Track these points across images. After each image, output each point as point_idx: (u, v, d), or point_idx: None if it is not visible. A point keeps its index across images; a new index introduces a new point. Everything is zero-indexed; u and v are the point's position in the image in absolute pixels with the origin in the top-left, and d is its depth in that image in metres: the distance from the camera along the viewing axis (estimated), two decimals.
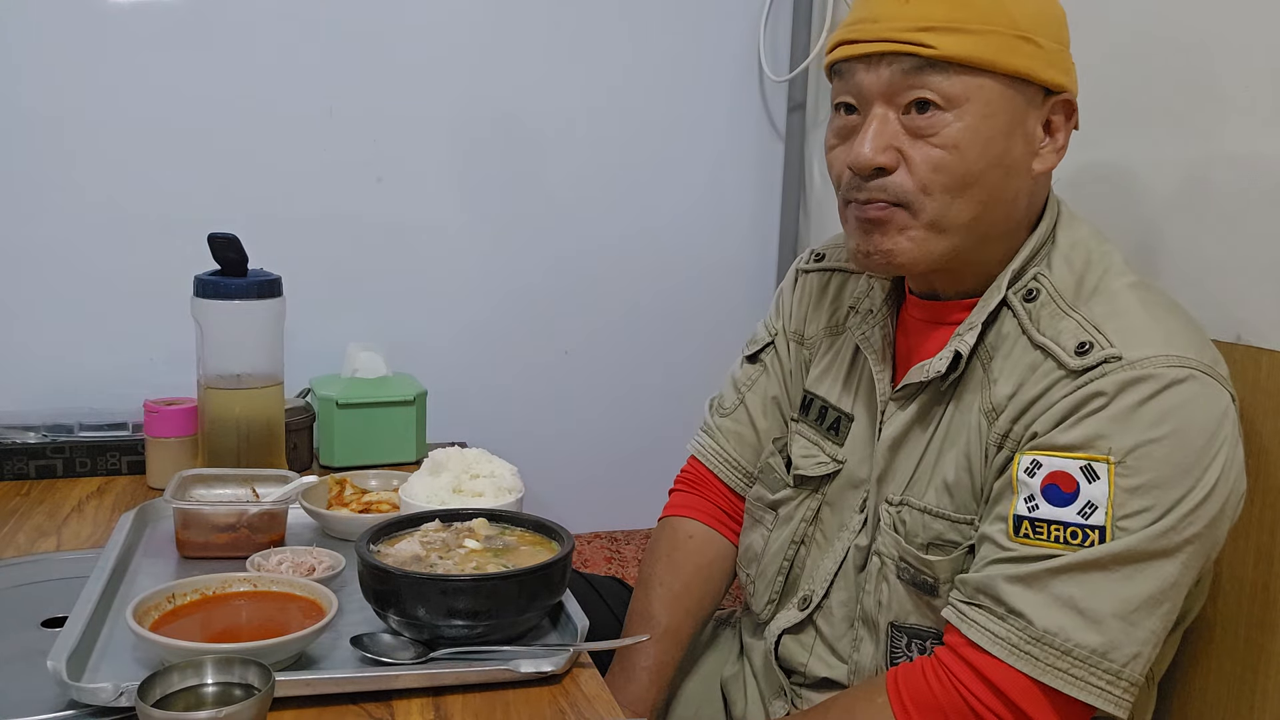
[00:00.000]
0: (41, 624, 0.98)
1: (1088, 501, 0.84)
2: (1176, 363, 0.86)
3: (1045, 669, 0.84)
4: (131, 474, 1.48)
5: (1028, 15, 0.91)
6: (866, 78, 0.93)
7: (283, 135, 1.66)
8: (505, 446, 1.26)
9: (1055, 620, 0.84)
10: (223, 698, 0.77)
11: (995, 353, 0.96)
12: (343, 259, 1.72)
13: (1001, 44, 0.89)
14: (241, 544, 1.11)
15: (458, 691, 0.88)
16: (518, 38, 1.77)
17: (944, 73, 0.90)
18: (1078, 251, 0.97)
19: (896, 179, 0.93)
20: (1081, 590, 0.84)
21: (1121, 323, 0.89)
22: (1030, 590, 0.85)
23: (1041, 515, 0.86)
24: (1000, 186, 0.93)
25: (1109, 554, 0.84)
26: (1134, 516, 0.84)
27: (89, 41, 1.57)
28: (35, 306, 1.60)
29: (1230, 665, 1.05)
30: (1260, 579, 1.02)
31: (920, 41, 0.89)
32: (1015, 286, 0.96)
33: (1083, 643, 0.83)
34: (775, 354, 1.22)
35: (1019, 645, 0.84)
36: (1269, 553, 1.02)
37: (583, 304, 1.88)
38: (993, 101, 0.91)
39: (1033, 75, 0.91)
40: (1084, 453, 0.85)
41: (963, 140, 0.91)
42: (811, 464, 1.11)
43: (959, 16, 0.89)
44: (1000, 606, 0.86)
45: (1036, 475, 0.87)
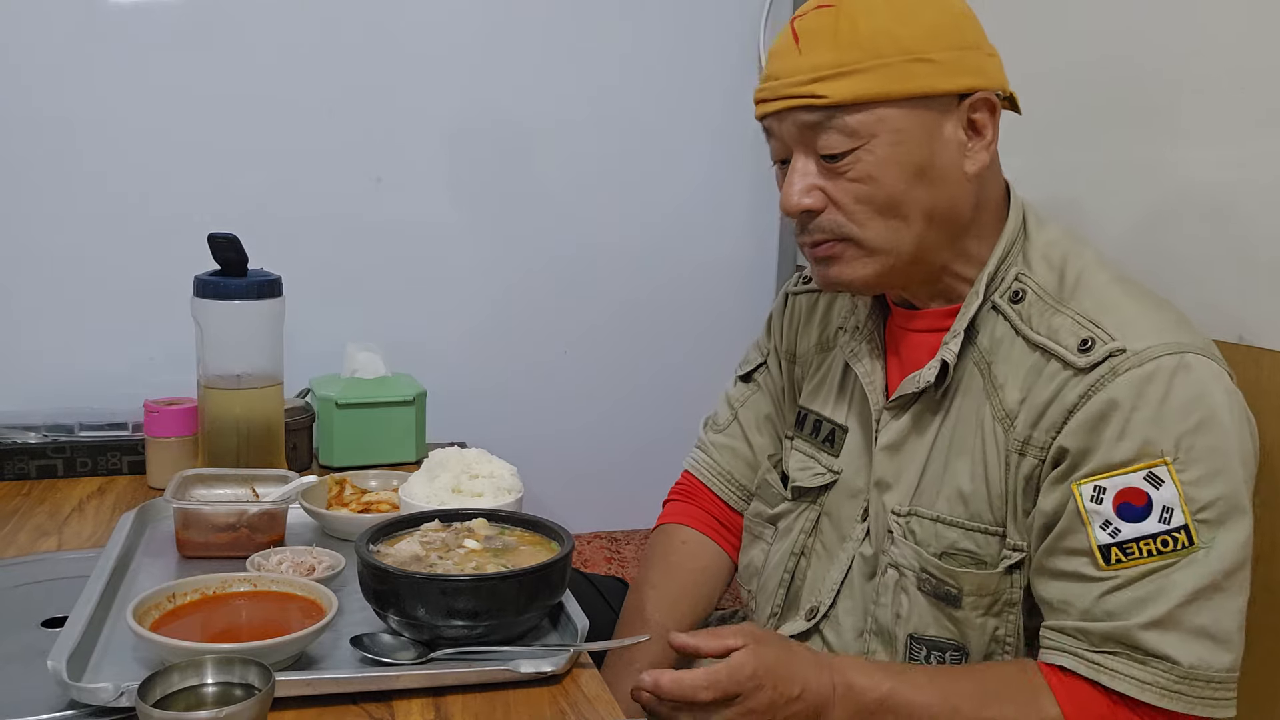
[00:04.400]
0: (42, 624, 0.98)
1: (1163, 507, 0.86)
2: (1175, 349, 0.89)
3: (1195, 702, 0.85)
4: (132, 474, 1.48)
5: (918, 36, 0.93)
6: (780, 130, 0.98)
7: (283, 135, 1.66)
8: (505, 446, 1.26)
9: (1195, 654, 0.85)
10: (223, 698, 0.77)
11: (994, 357, 0.97)
12: (342, 259, 1.72)
13: (893, 74, 0.92)
14: (241, 544, 1.11)
15: (458, 691, 0.88)
16: (517, 38, 1.77)
17: (842, 116, 0.93)
18: (1054, 250, 0.99)
19: (827, 217, 0.97)
20: (1211, 617, 0.86)
21: (1116, 316, 0.92)
22: (1167, 632, 0.86)
23: (1126, 536, 0.87)
24: (933, 198, 0.96)
25: (1223, 571, 0.86)
26: (1210, 508, 0.86)
27: (89, 42, 1.57)
28: (36, 306, 1.60)
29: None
30: (1262, 580, 1.02)
31: (813, 93, 0.93)
32: (998, 289, 0.99)
33: (1220, 666, 0.86)
34: (768, 373, 1.24)
35: (1168, 687, 0.85)
36: (1270, 552, 1.01)
37: (582, 303, 1.88)
38: (899, 128, 0.94)
39: (933, 91, 0.94)
40: (1140, 463, 0.87)
41: (876, 170, 0.94)
42: (808, 475, 1.12)
43: (848, 58, 0.92)
44: (1138, 652, 0.86)
45: (1105, 500, 0.88)
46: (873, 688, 0.91)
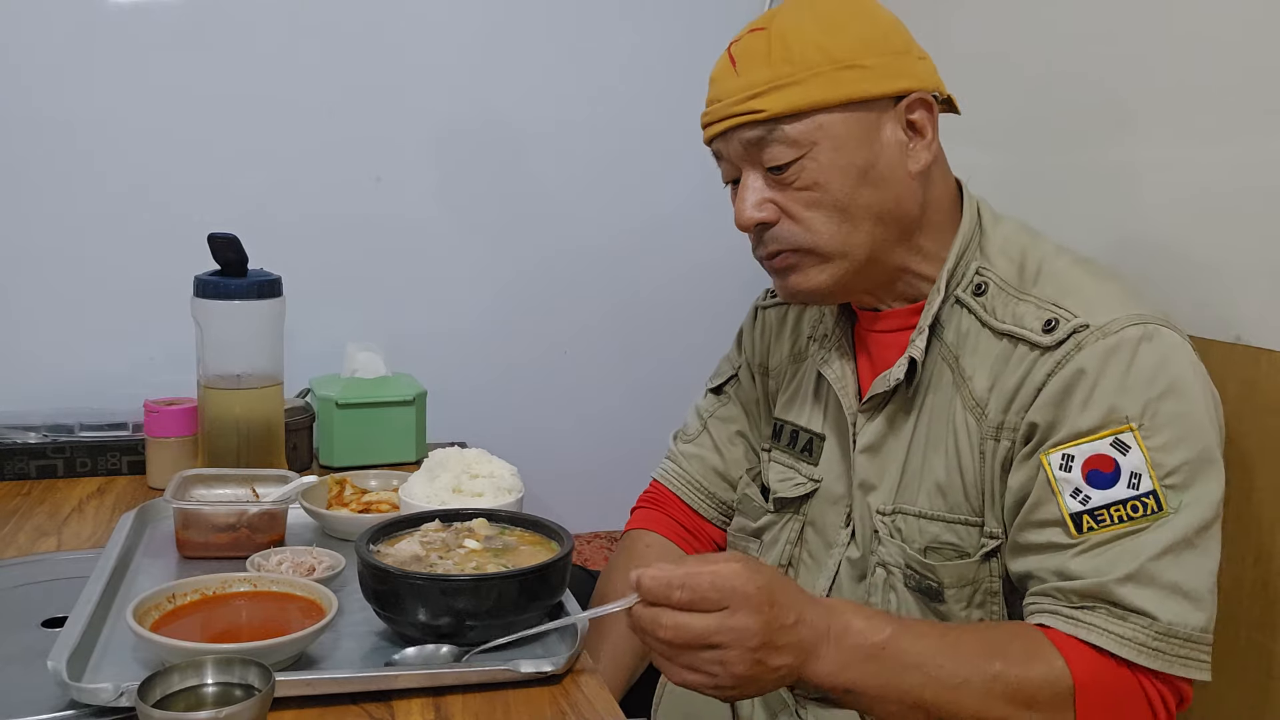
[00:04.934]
0: (42, 624, 0.98)
1: (1131, 473, 0.87)
2: (1139, 320, 0.91)
3: (1173, 660, 0.85)
4: (132, 474, 1.48)
5: (848, 45, 0.97)
6: (726, 150, 1.02)
7: (283, 135, 1.67)
8: (505, 446, 1.26)
9: (1172, 610, 0.85)
10: (223, 698, 0.77)
11: (961, 350, 0.99)
12: (342, 259, 1.72)
13: (826, 82, 0.96)
14: (241, 544, 1.11)
15: (458, 691, 0.88)
16: (517, 38, 1.77)
17: (782, 127, 0.97)
18: (1012, 242, 1.02)
19: (781, 228, 1.00)
20: (1183, 574, 0.86)
21: (1077, 296, 0.94)
22: (1143, 587, 0.86)
23: (1096, 503, 0.88)
24: (879, 199, 0.98)
25: (1194, 527, 0.86)
26: (1176, 473, 0.87)
27: (89, 42, 1.57)
28: (36, 306, 1.60)
29: (1232, 666, 1.05)
30: (1260, 578, 1.02)
31: (751, 109, 0.97)
32: (960, 284, 1.01)
33: (1195, 625, 0.86)
34: (739, 385, 1.25)
35: (1147, 644, 0.85)
36: (1269, 551, 1.02)
37: (582, 303, 1.88)
38: (837, 133, 0.97)
39: (867, 95, 0.97)
40: (1107, 429, 0.89)
41: (821, 176, 0.97)
42: (789, 486, 1.13)
43: (782, 73, 0.96)
44: (1117, 607, 0.86)
45: (1074, 468, 0.89)
46: (872, 630, 0.85)
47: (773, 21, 0.99)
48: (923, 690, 0.84)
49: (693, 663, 0.81)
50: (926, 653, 0.85)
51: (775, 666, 0.81)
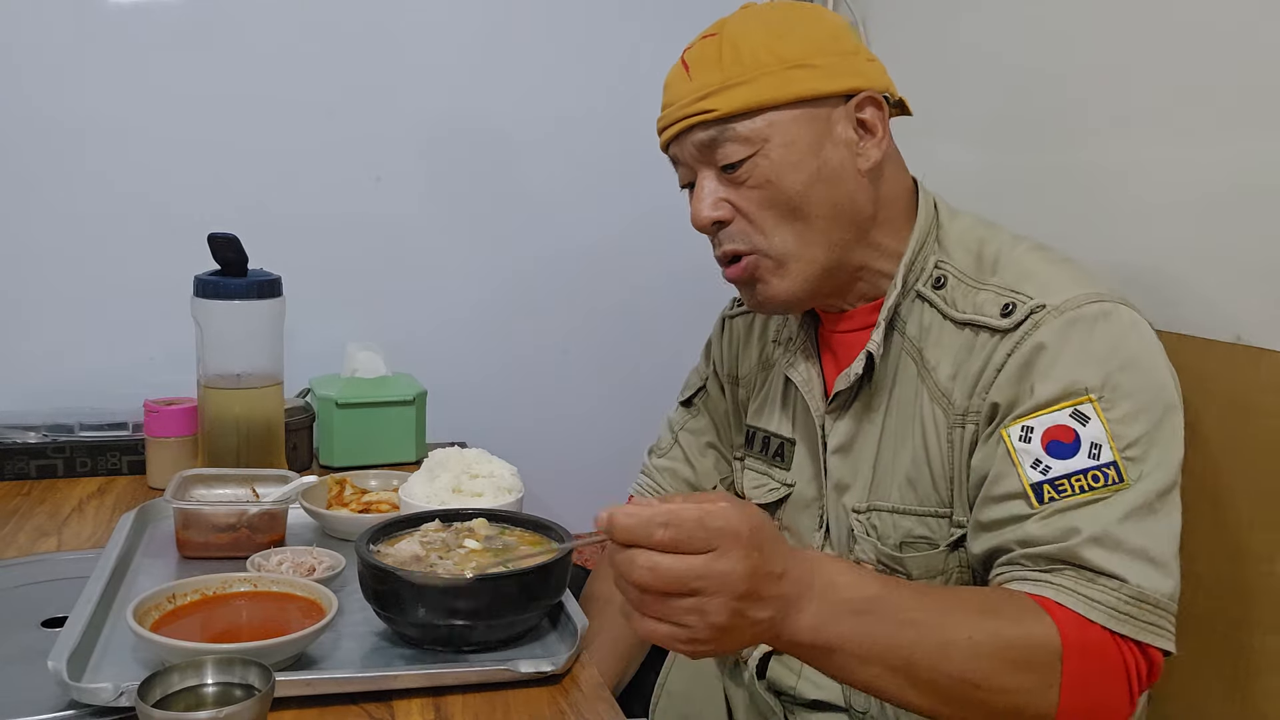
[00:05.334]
0: (42, 624, 0.98)
1: (1091, 443, 0.87)
2: (1095, 298, 0.92)
3: (1143, 627, 0.83)
4: (132, 474, 1.48)
5: (795, 46, 0.99)
6: (681, 153, 1.03)
7: (282, 135, 1.66)
8: (505, 446, 1.26)
9: (1141, 574, 0.84)
10: (223, 698, 0.77)
11: (924, 343, 1.00)
12: (342, 259, 1.72)
13: (774, 81, 0.98)
14: (241, 544, 1.12)
15: (458, 691, 0.88)
16: (517, 38, 1.77)
17: (734, 126, 0.98)
18: (969, 235, 1.02)
19: (735, 227, 1.02)
20: (1148, 539, 0.85)
21: (1034, 280, 0.95)
22: (1110, 551, 0.84)
23: (1056, 473, 0.87)
24: (831, 196, 0.99)
25: (1153, 493, 0.86)
26: (1136, 444, 0.87)
27: (89, 42, 1.57)
28: (36, 306, 1.60)
29: (1210, 663, 1.05)
30: (1259, 579, 1.02)
31: (702, 109, 0.99)
32: (919, 279, 1.01)
33: (1164, 591, 0.85)
34: (708, 397, 1.26)
35: (1117, 608, 0.83)
36: (1266, 552, 1.02)
37: (582, 303, 1.88)
38: (788, 130, 0.98)
39: (816, 93, 0.98)
40: (1066, 400, 0.88)
41: (773, 173, 0.98)
42: (763, 492, 1.14)
43: (732, 74, 0.98)
44: (1087, 570, 0.84)
45: (1033, 439, 0.88)
46: (860, 585, 0.79)
47: (724, 28, 1.01)
48: (912, 649, 0.79)
49: (666, 612, 0.72)
50: (919, 608, 0.80)
51: (756, 619, 0.74)
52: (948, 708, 0.82)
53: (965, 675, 0.79)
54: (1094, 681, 0.82)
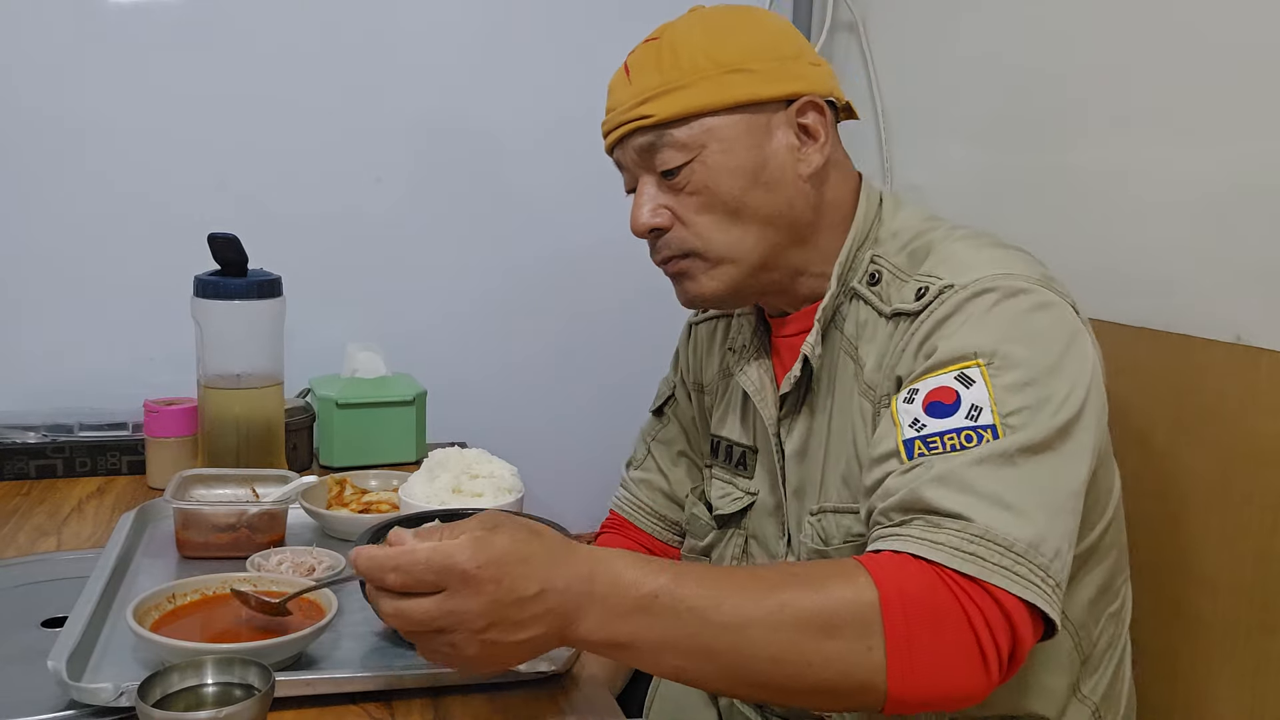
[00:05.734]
0: (41, 624, 0.98)
1: (971, 405, 0.83)
2: (1006, 279, 0.89)
3: (994, 569, 0.76)
4: (131, 474, 1.48)
5: (734, 50, 0.98)
6: (624, 158, 1.03)
7: (283, 135, 1.66)
8: (505, 446, 1.26)
9: (990, 516, 0.77)
10: (223, 698, 0.77)
11: (860, 341, 0.99)
12: (342, 259, 1.72)
13: (712, 86, 0.97)
14: (241, 544, 1.11)
15: (458, 691, 0.88)
16: (518, 39, 1.77)
17: (670, 132, 0.98)
18: (906, 229, 1.01)
19: (674, 234, 1.01)
20: (1002, 485, 0.79)
21: (951, 264, 0.93)
22: (955, 491, 0.79)
23: (930, 430, 0.83)
24: (769, 202, 0.99)
25: (1015, 447, 0.80)
26: (1019, 413, 0.82)
27: (89, 42, 1.57)
28: (35, 306, 1.60)
29: (1232, 668, 1.05)
30: (1260, 581, 1.03)
31: (640, 114, 0.98)
32: (855, 276, 1.01)
33: (1022, 537, 0.77)
34: (677, 405, 1.26)
35: (961, 548, 0.76)
36: (1268, 554, 1.02)
37: (583, 303, 1.88)
38: (726, 136, 0.98)
39: (754, 98, 0.98)
40: (953, 364, 0.85)
41: (711, 179, 0.98)
42: (728, 501, 1.13)
43: (670, 78, 0.98)
44: (933, 514, 0.79)
45: (916, 400, 0.85)
46: (645, 580, 0.75)
47: (665, 33, 1.02)
48: (701, 635, 0.74)
49: (428, 645, 0.74)
50: (705, 594, 0.75)
51: (520, 640, 0.73)
52: (766, 691, 0.77)
53: (768, 653, 0.74)
54: (927, 636, 0.74)
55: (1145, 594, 1.11)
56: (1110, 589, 0.99)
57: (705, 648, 0.75)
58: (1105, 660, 0.99)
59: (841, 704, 0.77)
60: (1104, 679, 0.99)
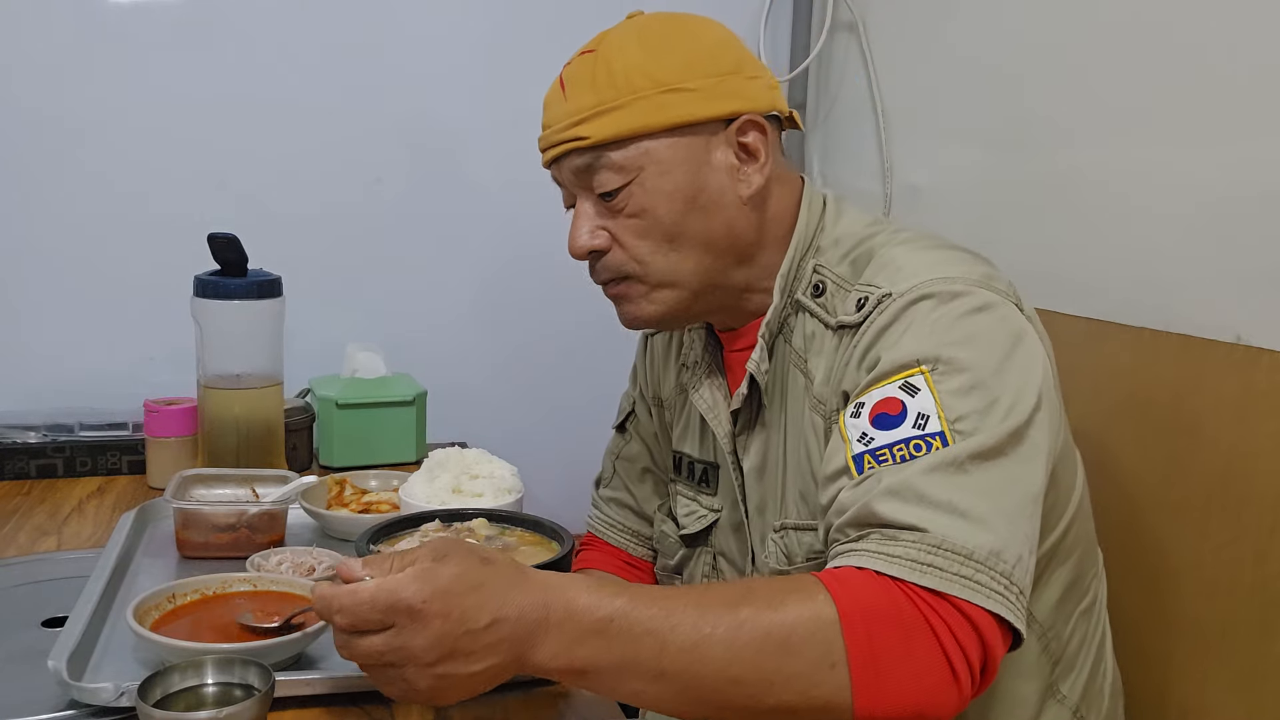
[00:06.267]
0: (42, 624, 0.98)
1: (918, 413, 0.80)
2: (943, 284, 0.86)
3: (952, 579, 0.73)
4: (132, 474, 1.48)
5: (672, 68, 0.95)
6: (559, 176, 1.01)
7: (283, 135, 1.66)
8: (505, 447, 1.26)
9: (946, 527, 0.75)
10: (223, 698, 0.77)
11: (808, 354, 0.97)
12: (343, 259, 1.72)
13: (648, 106, 0.94)
14: (241, 544, 1.12)
15: None
16: (519, 38, 1.77)
17: (607, 154, 0.95)
18: (848, 237, 0.98)
19: (612, 256, 0.99)
20: (956, 494, 0.76)
21: (888, 270, 0.91)
22: (908, 503, 0.76)
23: (879, 443, 0.80)
24: (708, 225, 0.96)
25: (965, 453, 0.78)
26: (967, 419, 0.79)
27: (89, 42, 1.57)
28: (36, 306, 1.60)
29: (1231, 670, 1.05)
30: (1259, 582, 1.02)
31: (576, 135, 0.95)
32: (799, 287, 0.98)
33: (980, 545, 0.74)
34: (638, 421, 1.24)
35: (918, 559, 0.74)
36: (1267, 555, 1.02)
37: (583, 303, 1.86)
38: (663, 159, 0.95)
39: (692, 119, 0.94)
40: (897, 374, 0.83)
41: (648, 203, 0.95)
42: (693, 520, 1.12)
43: (606, 97, 0.94)
44: (889, 527, 0.76)
45: (863, 414, 0.83)
46: (599, 605, 0.73)
47: (601, 44, 0.98)
48: (659, 658, 0.72)
49: (381, 678, 0.73)
50: (660, 616, 0.73)
51: (473, 672, 0.72)
52: (728, 713, 0.75)
53: (728, 674, 0.72)
54: (892, 652, 0.71)
55: (1143, 595, 1.12)
56: (1078, 586, 0.97)
57: (663, 671, 0.73)
58: (1081, 657, 0.98)
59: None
60: (1082, 677, 0.98)
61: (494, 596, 0.72)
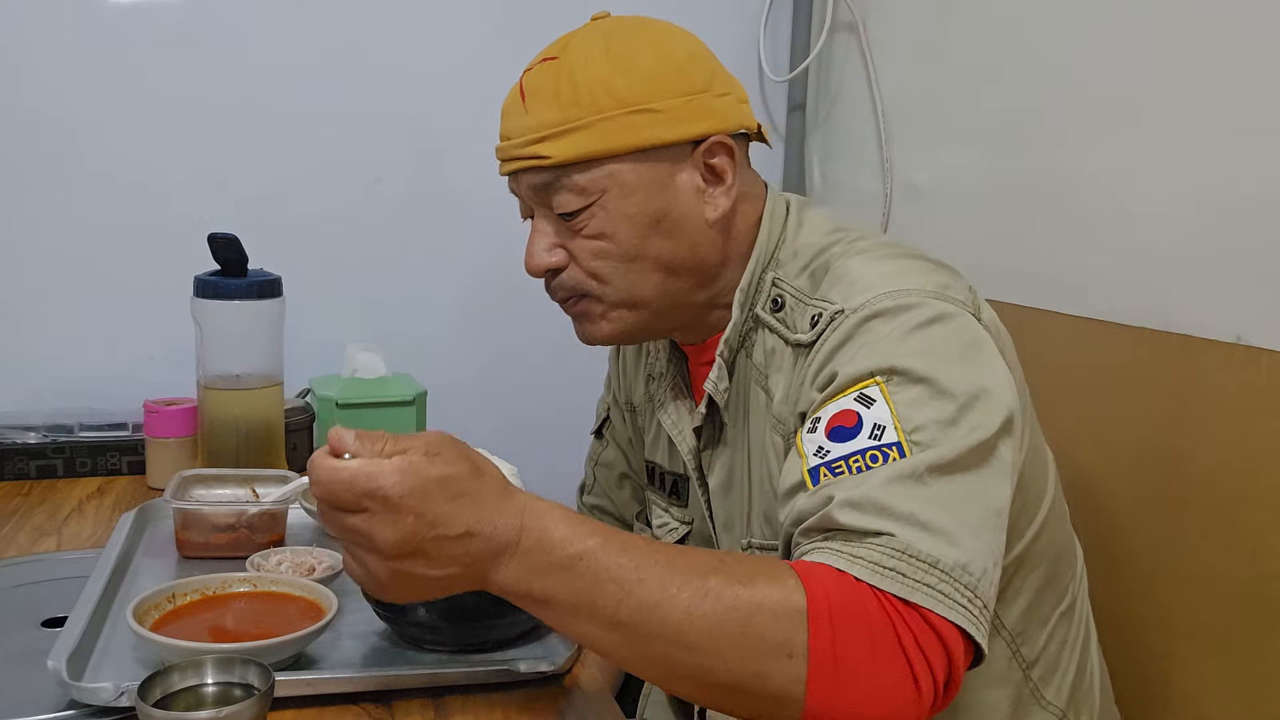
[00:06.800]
0: (42, 624, 0.98)
1: (874, 424, 0.78)
2: (898, 296, 0.84)
3: (914, 586, 0.71)
4: (131, 474, 1.48)
5: (638, 86, 0.91)
6: (518, 189, 0.98)
7: (283, 135, 1.67)
8: (506, 447, 1.26)
9: (911, 535, 0.73)
10: (223, 698, 0.77)
11: (769, 370, 0.95)
12: (342, 259, 1.72)
13: (614, 128, 0.90)
14: (241, 544, 1.11)
15: (458, 691, 0.88)
16: (518, 37, 1.76)
17: (569, 175, 0.92)
18: (806, 249, 0.96)
19: (570, 275, 0.97)
20: (916, 505, 0.73)
21: (842, 285, 0.88)
22: (868, 514, 0.73)
23: (834, 455, 0.78)
24: (671, 249, 0.94)
25: (924, 465, 0.75)
26: (924, 429, 0.77)
27: (89, 42, 1.57)
28: (36, 306, 1.60)
29: (1231, 667, 1.05)
30: (1259, 580, 1.03)
31: (537, 154, 0.92)
32: (759, 302, 0.96)
33: (944, 556, 0.72)
34: (613, 427, 1.24)
35: (882, 563, 0.71)
36: (1267, 554, 1.02)
37: None
38: (627, 182, 0.92)
39: (659, 142, 0.92)
40: (851, 386, 0.81)
41: (608, 226, 0.93)
42: (666, 531, 1.11)
43: (570, 115, 0.91)
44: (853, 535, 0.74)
45: (818, 429, 0.80)
46: (572, 541, 0.72)
47: (565, 50, 0.94)
48: (618, 608, 0.71)
49: (347, 556, 0.74)
50: (629, 566, 0.72)
51: (433, 576, 0.72)
52: (675, 679, 0.73)
53: (682, 638, 0.70)
54: (854, 652, 0.69)
55: (1143, 594, 1.12)
56: (1053, 589, 0.95)
57: (619, 621, 0.71)
58: (1065, 659, 0.97)
59: (758, 711, 0.72)
60: (1068, 678, 0.96)
61: (472, 509, 0.72)
